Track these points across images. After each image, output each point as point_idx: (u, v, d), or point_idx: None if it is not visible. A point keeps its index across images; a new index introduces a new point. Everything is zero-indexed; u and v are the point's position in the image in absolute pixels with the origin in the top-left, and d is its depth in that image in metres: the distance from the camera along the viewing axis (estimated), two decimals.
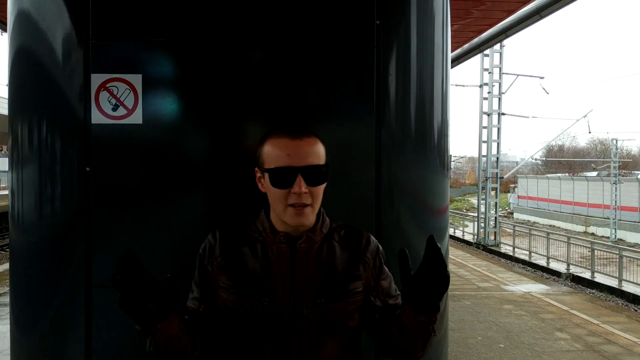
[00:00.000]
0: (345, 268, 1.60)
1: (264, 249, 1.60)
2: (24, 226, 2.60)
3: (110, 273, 2.45)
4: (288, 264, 1.57)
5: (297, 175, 1.50)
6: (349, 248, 1.64)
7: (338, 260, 1.61)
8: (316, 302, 1.55)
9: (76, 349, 2.48)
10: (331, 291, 1.57)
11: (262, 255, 1.59)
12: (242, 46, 2.58)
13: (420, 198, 2.75)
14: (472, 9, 6.96)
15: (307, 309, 1.55)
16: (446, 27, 2.82)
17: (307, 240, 1.58)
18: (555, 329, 7.89)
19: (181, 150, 2.52)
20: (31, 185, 2.54)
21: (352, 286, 1.60)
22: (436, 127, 2.76)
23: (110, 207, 2.49)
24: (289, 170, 1.50)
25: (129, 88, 2.46)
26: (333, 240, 1.63)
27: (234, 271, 1.59)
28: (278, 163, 1.52)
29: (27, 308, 2.60)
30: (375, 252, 1.67)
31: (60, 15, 2.51)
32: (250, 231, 1.65)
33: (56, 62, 2.52)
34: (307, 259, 1.58)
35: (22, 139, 2.56)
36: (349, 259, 1.62)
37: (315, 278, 1.57)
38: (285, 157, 1.51)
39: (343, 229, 1.67)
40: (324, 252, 1.60)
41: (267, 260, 1.58)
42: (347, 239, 1.65)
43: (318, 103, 2.64)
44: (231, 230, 1.67)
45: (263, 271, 1.57)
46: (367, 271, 1.62)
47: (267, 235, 1.61)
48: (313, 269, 1.58)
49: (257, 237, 1.62)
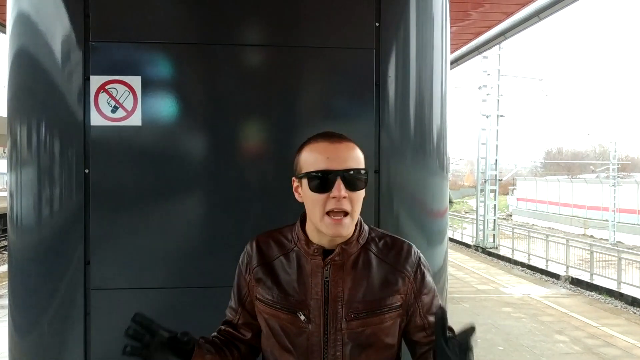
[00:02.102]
0: (382, 281, 1.55)
1: (299, 260, 1.57)
2: (23, 228, 2.60)
3: (109, 275, 2.47)
4: (322, 277, 1.53)
5: (336, 179, 1.45)
6: (386, 260, 1.57)
7: (374, 273, 1.55)
8: (351, 316, 1.52)
9: (75, 351, 2.48)
10: (366, 305, 1.53)
11: (297, 266, 1.56)
12: (242, 48, 2.58)
13: (419, 200, 2.75)
14: (470, 10, 6.96)
15: (341, 323, 1.52)
16: (445, 29, 2.82)
17: (341, 253, 1.53)
18: (554, 331, 7.89)
19: (180, 152, 2.52)
20: (30, 187, 2.54)
21: (390, 300, 1.54)
22: (435, 129, 2.76)
23: (109, 209, 2.48)
24: (329, 173, 1.46)
25: (128, 90, 2.46)
26: (370, 251, 1.57)
27: (270, 282, 1.57)
28: (317, 167, 1.47)
29: (25, 310, 2.59)
30: (417, 265, 1.58)
31: (59, 17, 2.51)
32: (286, 240, 1.61)
33: (55, 63, 2.51)
34: (341, 272, 1.54)
35: (21, 140, 2.56)
36: (387, 271, 1.55)
37: (350, 292, 1.53)
38: (324, 160, 1.47)
39: (382, 239, 1.60)
40: (360, 265, 1.55)
41: (302, 273, 1.55)
42: (385, 251, 1.58)
43: (317, 105, 2.64)
44: (268, 240, 1.64)
45: (298, 283, 1.55)
46: (406, 285, 1.56)
47: (301, 246, 1.57)
48: (348, 282, 1.53)
49: (292, 248, 1.59)
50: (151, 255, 2.50)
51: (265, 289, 1.57)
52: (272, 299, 1.56)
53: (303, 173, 1.51)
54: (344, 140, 1.51)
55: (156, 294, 2.53)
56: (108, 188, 2.48)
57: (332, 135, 1.51)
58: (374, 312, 1.53)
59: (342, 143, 1.49)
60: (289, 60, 2.60)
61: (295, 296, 1.54)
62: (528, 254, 17.60)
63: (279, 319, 1.55)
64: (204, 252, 2.55)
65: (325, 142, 1.50)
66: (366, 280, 1.54)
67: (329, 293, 1.53)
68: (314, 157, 1.49)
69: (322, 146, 1.49)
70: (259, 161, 2.60)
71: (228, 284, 2.45)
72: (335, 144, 1.49)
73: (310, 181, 1.48)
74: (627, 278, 12.89)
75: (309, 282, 1.54)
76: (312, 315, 1.52)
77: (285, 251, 1.59)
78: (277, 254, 1.60)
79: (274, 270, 1.58)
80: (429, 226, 2.75)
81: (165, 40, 2.52)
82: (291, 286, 1.55)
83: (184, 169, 2.53)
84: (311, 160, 1.49)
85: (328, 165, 1.46)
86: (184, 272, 2.54)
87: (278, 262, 1.59)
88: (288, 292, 1.55)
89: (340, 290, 1.53)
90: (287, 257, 1.58)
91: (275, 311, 1.56)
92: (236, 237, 2.53)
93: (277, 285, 1.56)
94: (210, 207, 2.59)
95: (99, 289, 2.47)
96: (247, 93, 2.56)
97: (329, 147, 1.48)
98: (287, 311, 1.54)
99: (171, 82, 2.54)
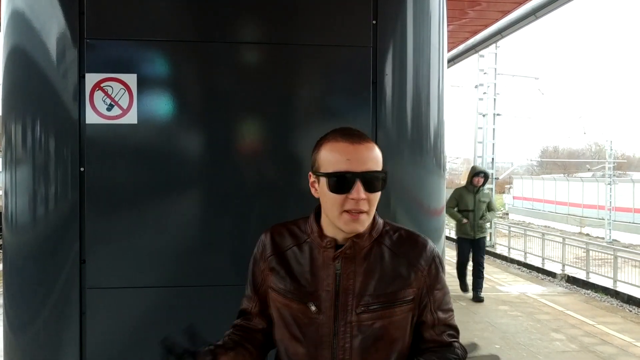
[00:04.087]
0: (394, 275, 1.55)
1: (311, 252, 1.58)
2: (18, 226, 2.59)
3: (105, 274, 2.46)
4: (334, 270, 1.54)
5: (355, 181, 1.45)
6: (400, 253, 1.57)
7: (387, 266, 1.55)
8: (361, 309, 1.53)
9: (70, 351, 2.47)
10: (377, 298, 1.53)
11: (309, 258, 1.58)
12: (238, 46, 2.57)
13: (416, 198, 2.75)
14: (467, 9, 6.97)
15: (351, 315, 1.53)
16: (442, 27, 2.82)
17: (352, 246, 1.54)
18: (550, 329, 7.90)
19: (177, 150, 2.51)
20: (25, 186, 2.52)
21: (402, 294, 1.55)
22: (432, 127, 2.76)
23: (105, 208, 2.47)
24: (348, 175, 1.46)
25: (123, 88, 2.44)
26: (383, 244, 1.58)
27: (283, 272, 1.59)
28: (336, 168, 1.47)
29: (20, 309, 2.58)
30: (432, 260, 1.59)
31: (54, 14, 2.49)
32: (300, 231, 1.63)
33: (50, 61, 2.50)
34: (352, 264, 1.54)
35: (15, 138, 2.55)
36: (400, 265, 1.56)
37: (361, 285, 1.54)
38: (344, 161, 1.46)
39: (397, 232, 1.62)
40: (372, 258, 1.56)
41: (314, 264, 1.56)
42: (399, 244, 1.59)
43: (314, 103, 2.64)
44: (282, 230, 1.65)
45: (310, 274, 1.56)
46: (419, 279, 1.56)
47: (314, 238, 1.58)
48: (359, 275, 1.54)
49: (305, 239, 1.60)
50: (147, 254, 2.49)
51: (279, 278, 1.59)
52: (285, 289, 1.58)
53: (322, 172, 1.51)
54: (363, 141, 1.50)
55: (152, 292, 2.52)
56: (104, 186, 2.46)
57: (352, 135, 1.50)
58: (384, 305, 1.54)
59: (362, 144, 1.49)
60: (286, 58, 2.59)
61: (307, 287, 1.56)
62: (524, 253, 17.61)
63: (290, 308, 1.57)
64: (201, 250, 2.54)
65: (345, 142, 1.49)
66: (378, 273, 1.55)
67: (340, 285, 1.54)
68: (334, 157, 1.48)
69: (342, 146, 1.48)
70: (256, 159, 2.59)
71: (224, 283, 2.46)
72: (356, 144, 1.48)
73: (329, 181, 1.48)
74: (623, 276, 12.91)
75: (321, 273, 1.55)
76: (323, 307, 1.54)
77: (298, 242, 1.61)
78: (290, 244, 1.62)
79: (287, 260, 1.60)
80: (425, 224, 2.75)
81: (161, 37, 2.50)
82: (303, 277, 1.57)
83: (180, 167, 2.52)
84: (331, 160, 1.49)
85: (348, 167, 1.46)
86: (180, 271, 2.53)
87: (291, 252, 1.60)
88: (300, 283, 1.56)
89: (351, 282, 1.54)
90: (300, 248, 1.60)
91: (287, 300, 1.57)
92: (233, 236, 2.53)
93: (290, 275, 1.58)
94: (206, 206, 2.59)
95: (95, 288, 2.46)
96: (244, 91, 2.56)
97: (349, 147, 1.48)
98: (298, 301, 1.56)
99: (167, 80, 2.53)
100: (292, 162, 2.56)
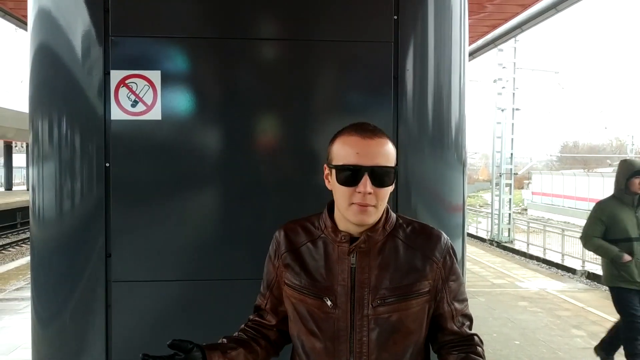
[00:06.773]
0: (409, 267, 1.56)
1: (325, 247, 1.60)
2: (45, 221, 2.64)
3: (130, 268, 2.49)
4: (349, 264, 1.56)
5: (363, 175, 1.47)
6: (414, 246, 1.59)
7: (401, 259, 1.57)
8: (377, 302, 1.54)
9: (96, 343, 2.51)
10: (393, 291, 1.55)
11: (324, 253, 1.59)
12: (260, 43, 2.59)
13: (437, 194, 2.75)
14: (486, 3, 6.90)
15: (368, 309, 1.54)
16: (464, 21, 2.80)
17: (366, 240, 1.55)
18: (571, 326, 7.82)
19: (199, 145, 2.54)
20: (52, 181, 2.57)
21: (417, 287, 1.56)
22: (453, 122, 2.75)
23: (130, 203, 2.51)
24: (356, 169, 1.48)
25: (148, 84, 2.47)
26: (397, 238, 1.59)
27: (298, 268, 1.61)
28: (346, 161, 1.49)
29: (47, 302, 2.64)
30: (446, 252, 1.60)
31: (79, 12, 2.53)
32: (313, 227, 1.64)
33: (76, 58, 2.54)
34: (367, 258, 1.56)
35: (42, 135, 2.59)
36: (414, 257, 1.57)
37: (377, 278, 1.55)
38: (354, 155, 1.48)
39: (410, 226, 1.63)
40: (386, 251, 1.57)
41: (329, 259, 1.58)
42: (413, 237, 1.60)
43: (334, 99, 2.65)
44: (295, 227, 1.67)
45: (325, 269, 1.58)
46: (434, 271, 1.57)
47: (328, 233, 1.59)
48: (374, 269, 1.55)
49: (319, 235, 1.62)
50: (171, 248, 2.53)
51: (294, 274, 1.61)
52: (300, 284, 1.59)
53: (333, 164, 1.53)
54: (376, 136, 1.51)
55: (176, 286, 2.56)
56: (128, 181, 2.50)
57: (365, 130, 1.52)
58: (400, 298, 1.55)
59: (374, 139, 1.50)
60: (307, 54, 2.60)
61: (322, 282, 1.57)
62: (544, 248, 17.46)
63: (306, 304, 1.59)
64: (223, 245, 2.57)
65: (357, 136, 1.50)
66: (392, 266, 1.56)
67: (355, 279, 1.55)
68: (345, 151, 1.51)
69: (354, 140, 1.50)
70: (277, 155, 2.61)
71: (246, 277, 2.48)
72: (367, 139, 1.50)
73: (339, 174, 1.50)
74: None
75: (336, 268, 1.57)
76: (339, 301, 1.55)
77: (312, 238, 1.62)
78: (304, 240, 1.63)
79: (302, 256, 1.62)
80: (447, 220, 2.74)
81: (184, 34, 2.53)
82: (318, 272, 1.58)
83: (203, 163, 2.54)
84: (342, 153, 1.51)
85: (357, 161, 1.48)
86: (202, 265, 2.56)
87: (305, 248, 1.62)
88: (315, 278, 1.58)
89: (366, 276, 1.55)
90: (314, 244, 1.61)
91: (302, 296, 1.59)
92: (254, 231, 2.55)
93: (305, 271, 1.60)
94: (228, 201, 2.61)
95: (120, 282, 2.50)
96: (265, 87, 2.57)
97: (360, 142, 1.49)
98: (314, 296, 1.57)
99: (190, 77, 2.55)
100: (311, 159, 2.57)
